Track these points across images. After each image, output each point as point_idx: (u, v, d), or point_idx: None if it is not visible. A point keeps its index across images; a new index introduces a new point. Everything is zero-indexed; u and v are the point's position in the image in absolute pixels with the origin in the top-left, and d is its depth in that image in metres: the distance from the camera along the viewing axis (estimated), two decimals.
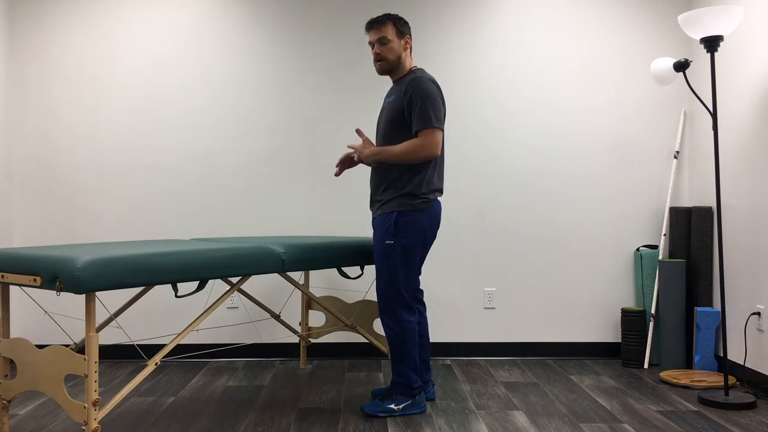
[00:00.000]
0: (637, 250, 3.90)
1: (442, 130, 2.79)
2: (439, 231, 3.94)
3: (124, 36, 3.91)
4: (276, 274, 3.92)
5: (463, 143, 3.94)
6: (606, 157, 3.96)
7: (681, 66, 3.28)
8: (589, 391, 3.25)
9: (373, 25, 2.87)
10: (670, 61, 3.32)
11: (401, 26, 2.87)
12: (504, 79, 3.95)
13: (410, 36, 2.90)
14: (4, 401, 2.43)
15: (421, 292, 3.07)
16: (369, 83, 3.93)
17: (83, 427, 2.14)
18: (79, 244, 2.58)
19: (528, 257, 3.96)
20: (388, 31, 2.84)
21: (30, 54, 3.91)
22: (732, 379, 3.32)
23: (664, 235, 3.87)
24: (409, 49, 2.91)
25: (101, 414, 2.18)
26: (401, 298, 2.84)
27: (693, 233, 3.72)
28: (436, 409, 2.95)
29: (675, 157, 3.91)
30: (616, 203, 3.95)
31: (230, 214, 3.93)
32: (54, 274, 2.08)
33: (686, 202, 3.95)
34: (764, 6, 3.23)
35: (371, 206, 2.95)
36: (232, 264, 2.51)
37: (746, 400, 2.95)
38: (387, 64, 2.87)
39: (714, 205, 3.67)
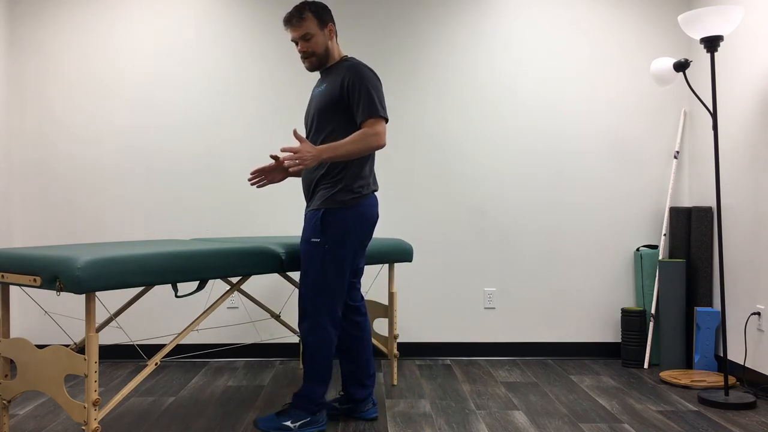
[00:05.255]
0: (637, 250, 3.90)
1: (387, 120, 2.56)
2: (439, 230, 3.94)
3: (123, 36, 3.91)
4: (276, 274, 3.92)
5: (462, 143, 3.94)
6: (606, 157, 3.96)
7: (681, 66, 3.28)
8: (589, 391, 3.25)
9: (292, 21, 2.58)
10: (670, 61, 3.32)
11: (322, 14, 2.60)
12: (502, 79, 3.95)
13: (333, 21, 2.64)
14: (4, 401, 2.42)
15: (361, 300, 2.83)
16: None
17: (83, 427, 2.14)
18: (79, 244, 2.58)
19: (528, 257, 3.96)
20: (310, 25, 2.57)
21: (30, 54, 3.91)
22: (732, 379, 3.32)
23: (664, 235, 3.87)
24: (334, 36, 2.65)
25: (101, 414, 2.17)
26: (326, 304, 2.57)
27: (693, 233, 3.72)
28: (436, 409, 2.95)
29: (675, 157, 3.91)
30: (616, 203, 3.95)
31: (230, 214, 3.93)
32: (54, 274, 2.08)
33: (686, 202, 3.95)
34: (764, 6, 3.23)
35: (306, 201, 2.73)
36: (232, 264, 2.51)
37: (746, 400, 2.95)
38: (316, 60, 2.63)
39: (714, 205, 3.67)
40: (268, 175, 2.71)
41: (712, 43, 3.05)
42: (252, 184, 2.62)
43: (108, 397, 3.19)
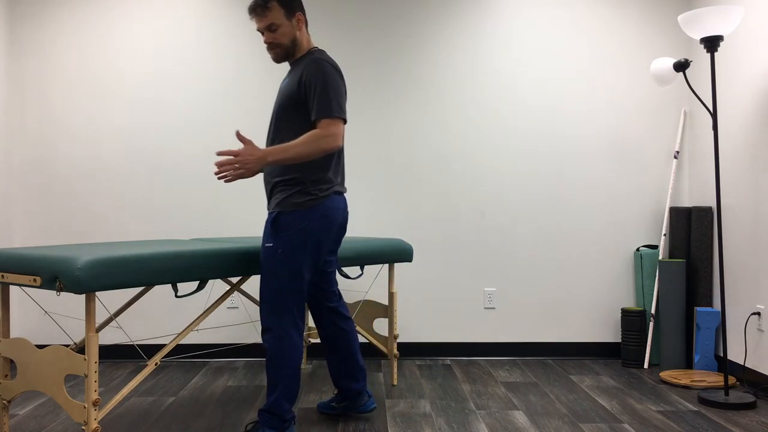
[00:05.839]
0: (637, 250, 3.90)
1: (345, 121, 2.40)
2: (439, 230, 3.94)
3: (123, 36, 3.91)
4: None
5: (462, 143, 3.94)
6: (606, 158, 3.96)
7: (681, 66, 3.28)
8: (589, 391, 3.25)
9: (257, 10, 2.44)
10: (670, 61, 3.32)
11: (290, 2, 2.45)
12: (503, 79, 3.95)
13: (302, 10, 2.49)
14: (4, 401, 2.42)
15: (339, 300, 2.73)
16: (371, 83, 3.93)
17: (83, 427, 2.14)
18: (79, 244, 2.58)
19: (528, 257, 3.96)
20: (276, 15, 2.42)
21: (30, 54, 3.91)
22: (732, 379, 3.33)
23: (664, 235, 3.87)
24: (303, 27, 2.50)
25: (101, 414, 2.17)
26: (286, 311, 2.41)
27: (693, 233, 3.72)
28: (436, 409, 2.95)
29: (675, 158, 3.91)
30: (616, 203, 3.95)
31: (230, 214, 3.93)
32: (54, 274, 2.08)
33: (686, 202, 3.95)
34: (764, 6, 3.23)
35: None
36: (232, 264, 2.50)
37: (746, 400, 2.95)
38: (282, 51, 2.48)
39: (714, 205, 3.67)
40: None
41: (712, 43, 3.05)
42: (219, 179, 2.43)
43: (108, 397, 3.19)
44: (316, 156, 2.35)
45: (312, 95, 2.37)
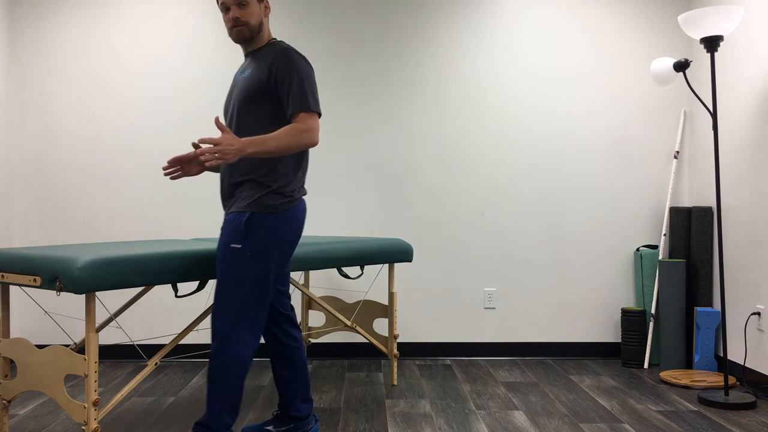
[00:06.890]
0: (637, 250, 3.90)
1: (320, 115, 2.29)
2: (439, 230, 3.94)
3: (123, 36, 3.91)
4: None
5: (463, 143, 3.94)
6: (606, 157, 3.96)
7: (681, 66, 3.28)
8: (589, 391, 3.25)
9: None
10: (670, 61, 3.32)
11: None
12: (502, 79, 3.95)
13: None
14: (4, 401, 2.42)
15: (292, 309, 2.54)
16: (371, 83, 3.93)
17: (83, 427, 2.14)
18: (79, 244, 2.58)
19: (528, 257, 3.96)
20: None
21: (30, 54, 3.91)
22: (732, 379, 3.33)
23: (664, 235, 3.87)
24: (269, 14, 2.43)
25: (101, 414, 2.18)
26: (244, 318, 2.24)
27: (693, 233, 3.72)
28: (436, 409, 2.95)
29: (675, 158, 3.91)
30: (616, 203, 3.96)
31: None
32: (54, 274, 2.08)
33: (686, 202, 3.95)
34: (764, 6, 3.23)
35: (222, 202, 2.39)
36: None
37: (746, 400, 2.95)
38: (248, 30, 2.31)
39: (714, 205, 3.67)
40: (185, 166, 2.34)
41: (712, 43, 3.05)
42: (166, 175, 2.30)
43: (108, 397, 3.19)
44: (294, 151, 2.22)
45: (286, 88, 2.25)
